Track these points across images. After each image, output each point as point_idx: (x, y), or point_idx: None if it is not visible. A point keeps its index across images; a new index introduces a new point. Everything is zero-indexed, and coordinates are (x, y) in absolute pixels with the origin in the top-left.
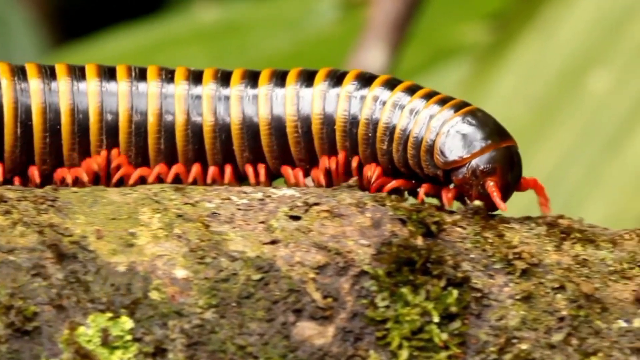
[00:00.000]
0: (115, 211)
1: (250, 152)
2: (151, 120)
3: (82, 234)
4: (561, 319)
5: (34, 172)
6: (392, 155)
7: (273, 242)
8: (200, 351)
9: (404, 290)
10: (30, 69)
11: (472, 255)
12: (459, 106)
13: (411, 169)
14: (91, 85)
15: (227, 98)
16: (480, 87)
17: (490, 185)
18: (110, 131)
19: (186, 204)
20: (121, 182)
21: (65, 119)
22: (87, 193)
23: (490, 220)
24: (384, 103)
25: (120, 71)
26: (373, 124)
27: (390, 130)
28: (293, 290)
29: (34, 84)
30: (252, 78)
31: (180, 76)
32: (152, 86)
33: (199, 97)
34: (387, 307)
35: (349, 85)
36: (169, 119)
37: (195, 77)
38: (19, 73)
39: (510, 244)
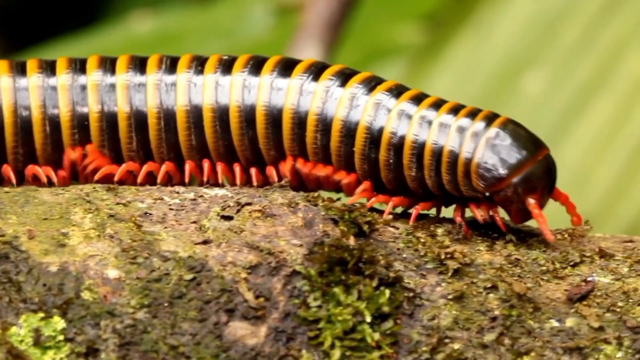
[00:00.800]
0: (47, 211)
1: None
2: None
3: (14, 234)
4: (493, 318)
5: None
6: (418, 178)
7: (205, 242)
8: (132, 351)
9: (336, 290)
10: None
11: (404, 255)
12: (490, 119)
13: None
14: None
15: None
16: (415, 88)
17: (532, 203)
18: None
19: (118, 204)
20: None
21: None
22: (19, 193)
23: (423, 220)
24: (410, 117)
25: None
26: (397, 145)
27: (419, 150)
28: (225, 290)
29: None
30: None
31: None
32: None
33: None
34: (320, 307)
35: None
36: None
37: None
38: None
39: (442, 243)
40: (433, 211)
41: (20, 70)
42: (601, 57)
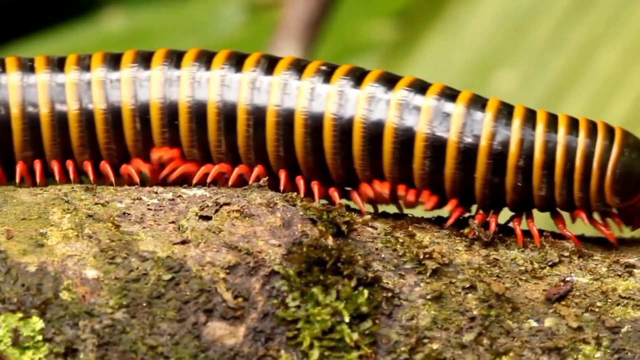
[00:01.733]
0: (26, 211)
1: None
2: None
3: None
4: (472, 318)
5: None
6: (547, 197)
7: (183, 242)
8: (111, 351)
9: (315, 290)
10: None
11: (382, 255)
12: (610, 133)
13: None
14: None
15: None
16: None
17: None
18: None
19: (96, 204)
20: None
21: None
22: None
23: (401, 220)
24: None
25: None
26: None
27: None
28: (204, 290)
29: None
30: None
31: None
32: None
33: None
34: (298, 307)
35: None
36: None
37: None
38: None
39: (421, 243)
40: (413, 211)
41: (114, 63)
42: (572, 55)
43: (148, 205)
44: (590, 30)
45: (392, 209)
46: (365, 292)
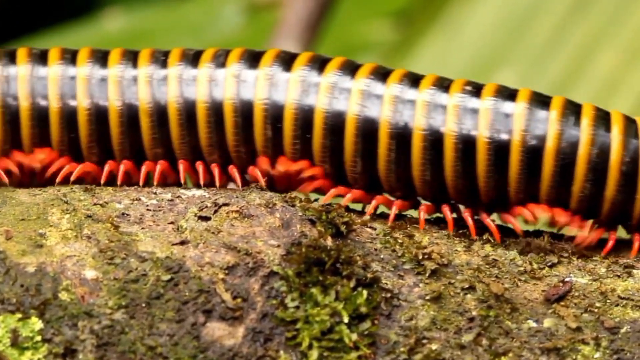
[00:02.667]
0: (25, 212)
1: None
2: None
3: None
4: (471, 319)
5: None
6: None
7: (182, 243)
8: (110, 352)
9: (314, 290)
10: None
11: (381, 256)
12: None
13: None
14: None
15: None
16: None
17: None
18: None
19: (95, 204)
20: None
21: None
22: None
23: (400, 221)
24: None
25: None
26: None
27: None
28: (203, 291)
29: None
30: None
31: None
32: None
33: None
34: (297, 307)
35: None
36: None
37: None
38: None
39: (420, 244)
40: (411, 212)
41: (192, 60)
42: (572, 55)
43: (147, 205)
44: (590, 30)
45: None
46: (364, 292)
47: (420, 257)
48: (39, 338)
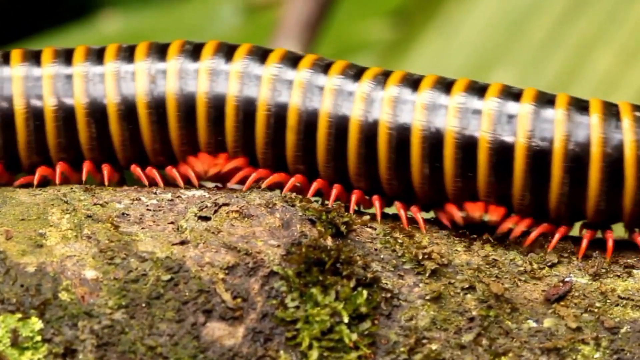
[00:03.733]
0: (25, 212)
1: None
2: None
3: None
4: (471, 319)
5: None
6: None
7: (182, 243)
8: (110, 352)
9: (314, 290)
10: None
11: (382, 256)
12: None
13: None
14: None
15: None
16: None
17: None
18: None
19: (95, 204)
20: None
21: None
22: None
23: (400, 221)
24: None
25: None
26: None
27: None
28: (203, 291)
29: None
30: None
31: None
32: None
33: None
34: (297, 307)
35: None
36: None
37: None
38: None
39: (420, 244)
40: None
41: (260, 57)
42: (569, 54)
43: (147, 205)
44: (587, 29)
45: (391, 209)
46: (364, 292)
47: (421, 257)
48: (39, 338)
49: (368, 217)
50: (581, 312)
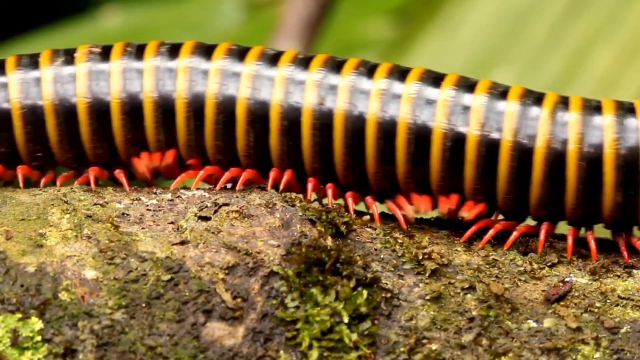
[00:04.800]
0: (25, 212)
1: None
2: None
3: None
4: (471, 319)
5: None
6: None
7: (182, 243)
8: (110, 352)
9: (314, 290)
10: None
11: (382, 256)
12: None
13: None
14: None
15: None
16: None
17: None
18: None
19: (95, 204)
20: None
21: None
22: None
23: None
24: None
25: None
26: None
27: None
28: (203, 291)
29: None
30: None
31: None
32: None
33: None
34: (297, 307)
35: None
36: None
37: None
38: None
39: (420, 244)
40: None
41: (302, 64)
42: (569, 54)
43: (147, 205)
44: (587, 29)
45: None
46: (365, 292)
47: (420, 257)
48: (39, 338)
49: (368, 217)
50: (581, 312)
